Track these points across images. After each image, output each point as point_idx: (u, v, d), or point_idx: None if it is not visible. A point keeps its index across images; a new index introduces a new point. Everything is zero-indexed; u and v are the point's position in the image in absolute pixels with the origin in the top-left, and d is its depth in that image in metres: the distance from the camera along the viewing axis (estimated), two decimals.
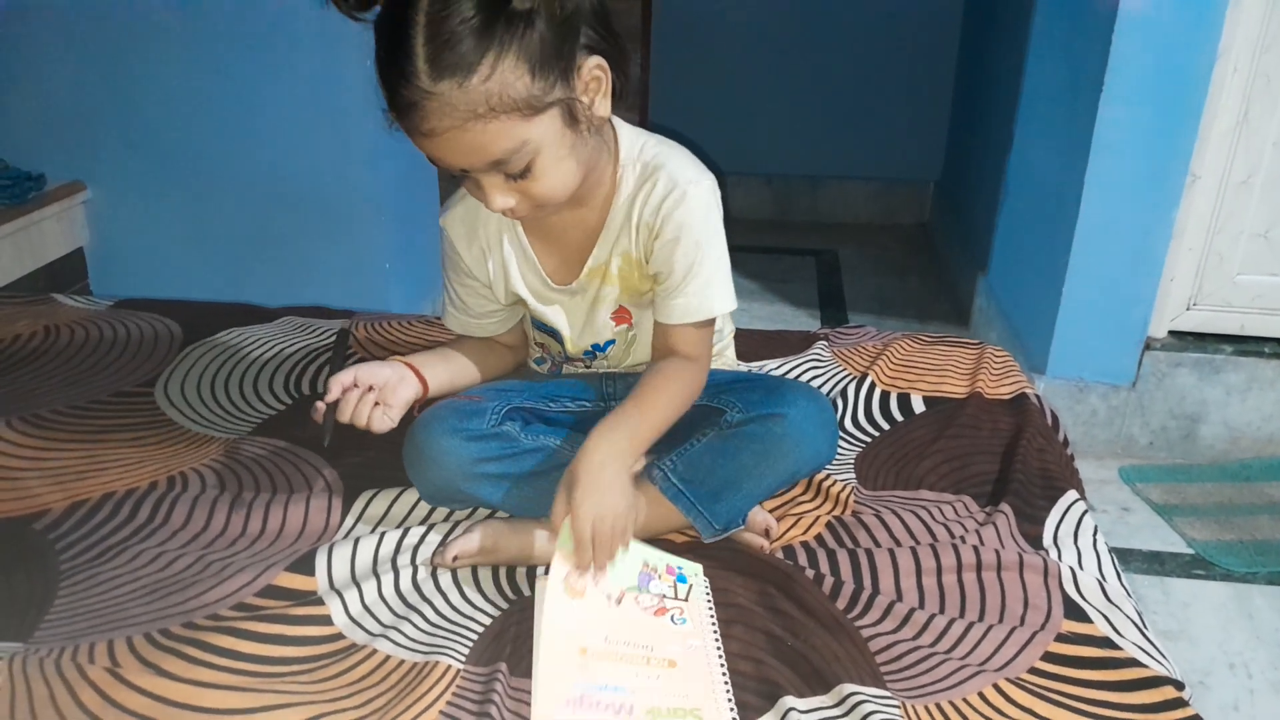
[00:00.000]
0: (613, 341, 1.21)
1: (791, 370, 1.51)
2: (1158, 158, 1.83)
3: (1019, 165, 2.36)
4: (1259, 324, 1.98)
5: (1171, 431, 2.04)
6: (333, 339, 1.58)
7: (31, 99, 2.04)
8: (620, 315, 1.18)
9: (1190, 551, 1.75)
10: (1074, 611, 1.03)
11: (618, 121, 1.09)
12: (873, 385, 1.48)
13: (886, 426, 1.41)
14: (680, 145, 1.12)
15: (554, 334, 1.20)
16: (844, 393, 1.46)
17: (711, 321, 1.15)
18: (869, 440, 1.38)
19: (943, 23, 3.22)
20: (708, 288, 1.10)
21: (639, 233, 1.10)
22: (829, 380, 1.49)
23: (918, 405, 1.45)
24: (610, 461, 1.01)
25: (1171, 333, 2.00)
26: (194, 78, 2.00)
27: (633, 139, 1.10)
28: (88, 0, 1.96)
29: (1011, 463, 1.28)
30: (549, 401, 1.21)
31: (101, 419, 1.35)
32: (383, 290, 2.13)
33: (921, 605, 1.04)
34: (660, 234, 1.08)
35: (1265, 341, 1.99)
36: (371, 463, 1.23)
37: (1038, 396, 1.45)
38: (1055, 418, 1.42)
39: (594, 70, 0.97)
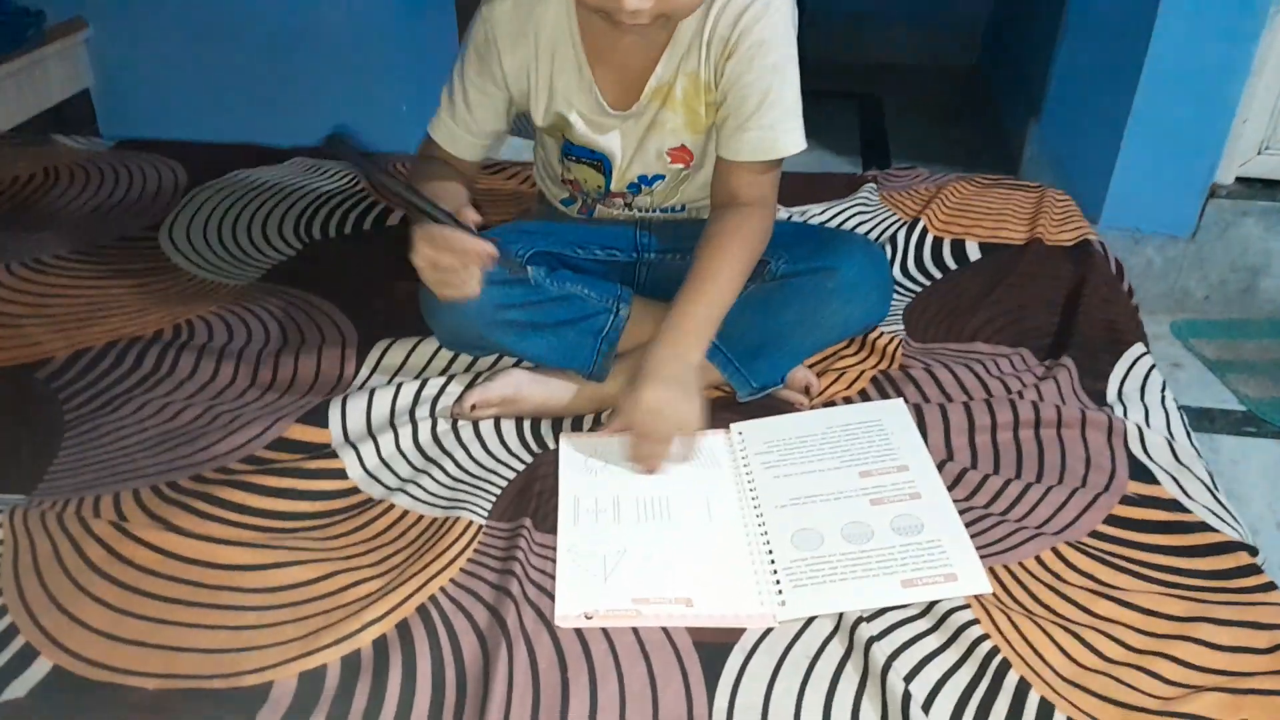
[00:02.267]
0: (661, 177, 1.12)
1: (837, 216, 1.41)
2: None
3: None
4: None
5: (1230, 285, 1.95)
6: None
7: None
8: (680, 154, 1.09)
9: (1242, 409, 1.70)
10: (1140, 472, 0.97)
11: None
12: (925, 231, 1.39)
13: (939, 275, 1.33)
14: None
15: (600, 162, 1.10)
16: (893, 239, 1.37)
17: (780, 162, 1.05)
18: (920, 290, 1.30)
19: None
20: (784, 120, 1.02)
21: (710, 49, 1.01)
22: (878, 226, 1.40)
23: (973, 252, 1.36)
24: (673, 360, 0.96)
25: (1239, 179, 1.89)
26: None
27: None
28: None
29: (1074, 314, 1.20)
30: (577, 248, 1.13)
31: (104, 264, 1.30)
32: (400, 133, 2.03)
33: (974, 465, 0.98)
34: (735, 51, 1.00)
35: None
36: (387, 309, 1.17)
37: (1102, 243, 1.36)
38: (1120, 266, 1.33)
39: None
